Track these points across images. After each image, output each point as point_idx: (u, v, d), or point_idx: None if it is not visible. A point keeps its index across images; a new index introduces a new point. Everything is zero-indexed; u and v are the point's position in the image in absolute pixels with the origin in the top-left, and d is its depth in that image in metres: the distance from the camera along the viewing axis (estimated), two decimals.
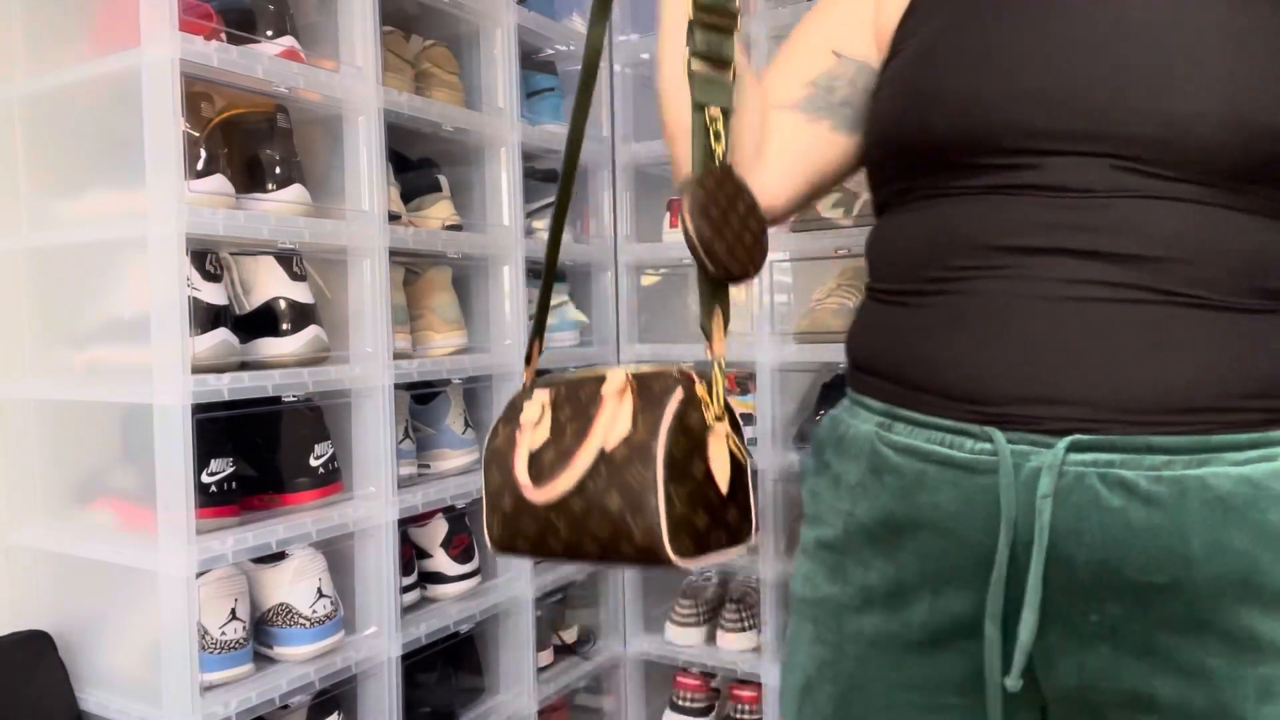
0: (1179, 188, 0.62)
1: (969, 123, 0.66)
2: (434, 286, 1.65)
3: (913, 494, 0.68)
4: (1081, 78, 0.64)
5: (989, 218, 0.66)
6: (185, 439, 1.19)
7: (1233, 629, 0.60)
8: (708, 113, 0.71)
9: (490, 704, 1.71)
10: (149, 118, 1.20)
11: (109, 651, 1.35)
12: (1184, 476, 0.60)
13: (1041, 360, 0.63)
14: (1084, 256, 0.63)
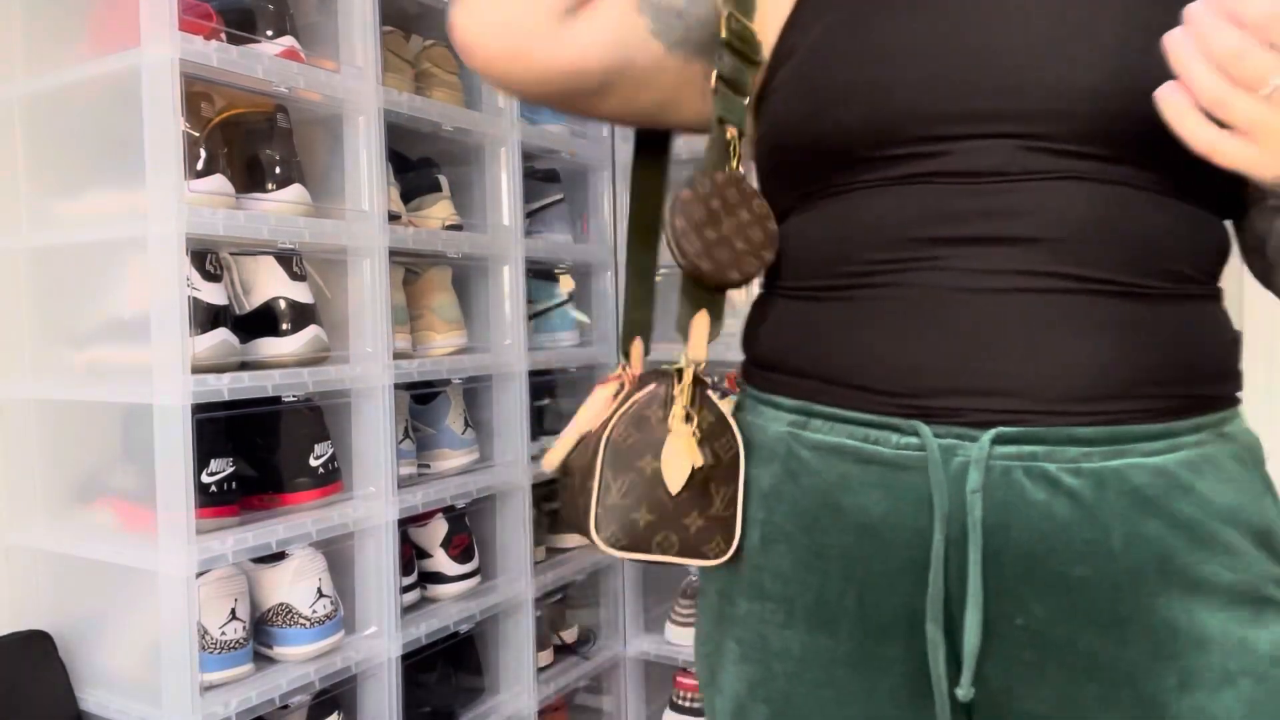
0: (1085, 165, 0.62)
1: (875, 114, 0.65)
2: (434, 286, 1.65)
3: (834, 495, 0.66)
4: (981, 58, 0.63)
5: (902, 209, 0.65)
6: (185, 439, 1.19)
7: (1152, 621, 0.60)
8: (728, 130, 0.71)
9: (490, 704, 1.71)
10: (149, 118, 1.20)
11: (109, 651, 1.35)
12: (1102, 469, 0.60)
13: (963, 352, 0.62)
14: (998, 243, 0.62)
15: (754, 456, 0.71)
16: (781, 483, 0.69)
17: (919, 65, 0.64)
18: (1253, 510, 0.63)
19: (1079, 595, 0.60)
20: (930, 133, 0.64)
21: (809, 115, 0.68)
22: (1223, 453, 0.63)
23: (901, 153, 0.64)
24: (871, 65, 0.66)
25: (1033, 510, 0.60)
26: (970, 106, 0.63)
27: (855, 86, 0.66)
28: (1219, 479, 0.62)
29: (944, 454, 0.61)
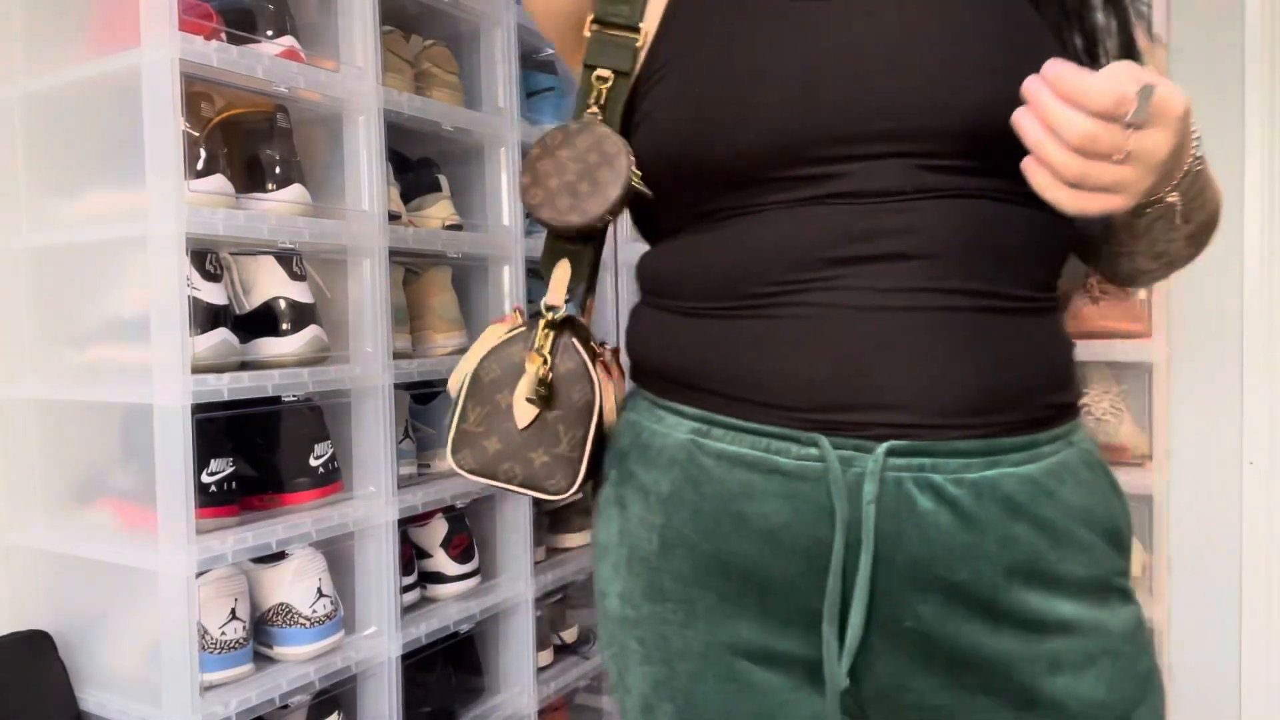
0: (966, 181, 0.66)
1: (770, 138, 0.67)
2: (434, 286, 1.65)
3: (737, 503, 0.68)
4: (868, 82, 0.66)
5: (801, 232, 0.67)
6: (185, 439, 1.19)
7: (1024, 613, 0.66)
8: (596, 73, 0.74)
9: (490, 704, 1.71)
10: (149, 118, 1.20)
11: (109, 651, 1.35)
12: (979, 479, 0.65)
13: (859, 368, 0.65)
14: (893, 260, 0.66)
15: (653, 462, 0.73)
16: (682, 489, 0.71)
17: (808, 89, 0.67)
18: (1102, 511, 0.70)
19: (960, 595, 0.66)
20: (829, 154, 0.66)
21: (697, 138, 0.69)
22: (1075, 460, 0.69)
23: (796, 175, 0.67)
24: (760, 89, 0.68)
25: (921, 518, 0.65)
26: (862, 129, 0.66)
27: (746, 111, 0.68)
28: (1075, 484, 0.68)
29: (842, 465, 0.65)
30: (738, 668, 0.71)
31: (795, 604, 0.68)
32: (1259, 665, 1.80)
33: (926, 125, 0.65)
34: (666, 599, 0.73)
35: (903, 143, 0.66)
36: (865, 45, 0.67)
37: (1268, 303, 1.78)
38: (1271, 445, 1.78)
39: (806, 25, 0.68)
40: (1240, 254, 1.80)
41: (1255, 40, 1.77)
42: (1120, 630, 0.69)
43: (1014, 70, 0.63)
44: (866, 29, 0.67)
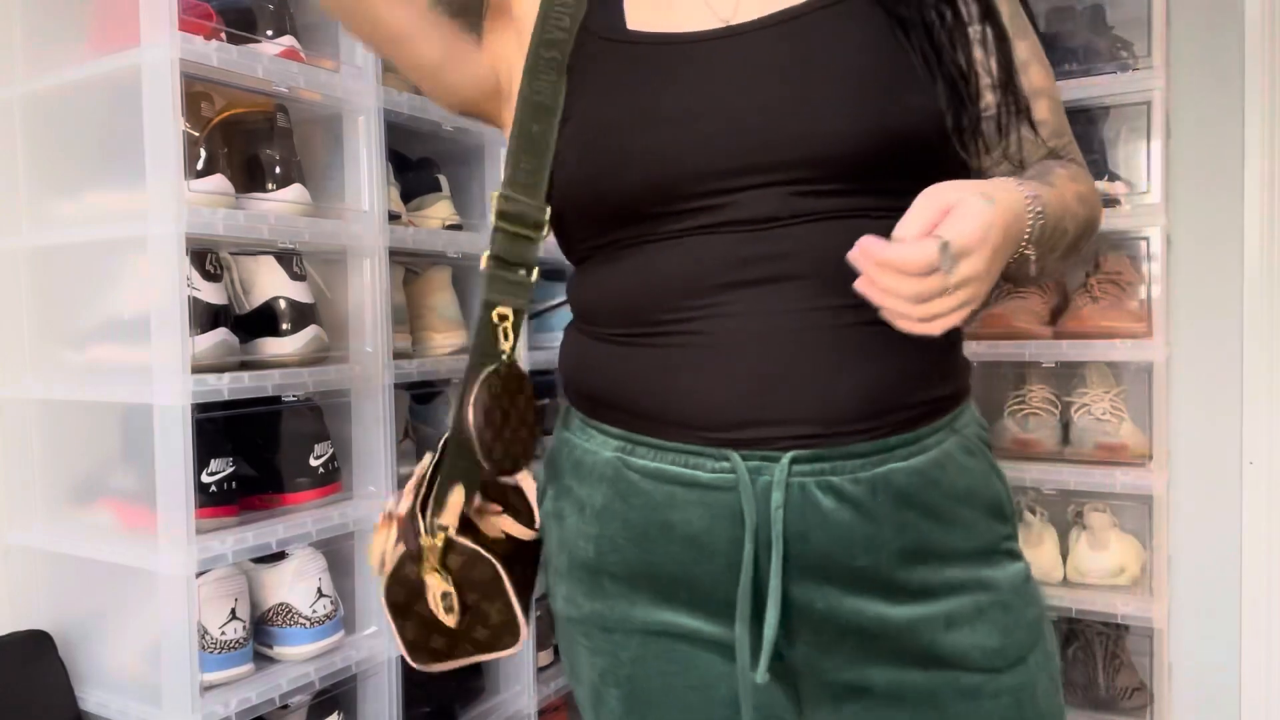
0: (840, 203, 0.73)
1: (661, 174, 0.74)
2: (434, 286, 1.65)
3: (663, 512, 0.76)
4: (744, 118, 0.73)
5: (694, 260, 0.74)
6: (185, 439, 1.19)
7: (917, 585, 0.75)
8: (496, 311, 0.81)
9: (490, 704, 1.71)
10: (149, 118, 1.20)
11: (109, 651, 1.35)
12: (873, 476, 0.73)
13: (759, 388, 0.73)
14: (778, 282, 0.73)
15: (586, 477, 0.81)
16: (612, 501, 0.79)
17: (695, 129, 0.73)
18: (983, 490, 0.78)
19: (862, 578, 0.75)
20: (712, 187, 0.73)
21: (594, 178, 0.77)
22: (956, 448, 0.77)
23: (686, 208, 0.74)
24: (648, 131, 0.75)
25: (824, 516, 0.73)
26: (738, 163, 0.73)
27: (635, 151, 0.75)
28: (957, 470, 0.77)
29: (752, 475, 0.73)
30: (676, 649, 0.79)
31: (720, 598, 0.76)
32: (1259, 665, 1.80)
33: (793, 156, 0.72)
34: (606, 597, 0.81)
35: (775, 173, 0.72)
36: (737, 88, 0.74)
37: (1268, 303, 1.78)
38: (1271, 445, 1.79)
39: (685, 73, 0.76)
40: (1240, 254, 1.80)
41: (1255, 40, 1.77)
42: (1008, 584, 0.77)
43: (872, 102, 0.72)
44: (738, 74, 0.75)
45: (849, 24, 0.76)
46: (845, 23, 0.76)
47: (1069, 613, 1.74)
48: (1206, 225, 1.83)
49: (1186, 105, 1.84)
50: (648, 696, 0.81)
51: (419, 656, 0.85)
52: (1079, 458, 1.79)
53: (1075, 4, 1.84)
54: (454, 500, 0.81)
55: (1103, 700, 1.75)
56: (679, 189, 0.74)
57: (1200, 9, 1.82)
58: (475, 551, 0.82)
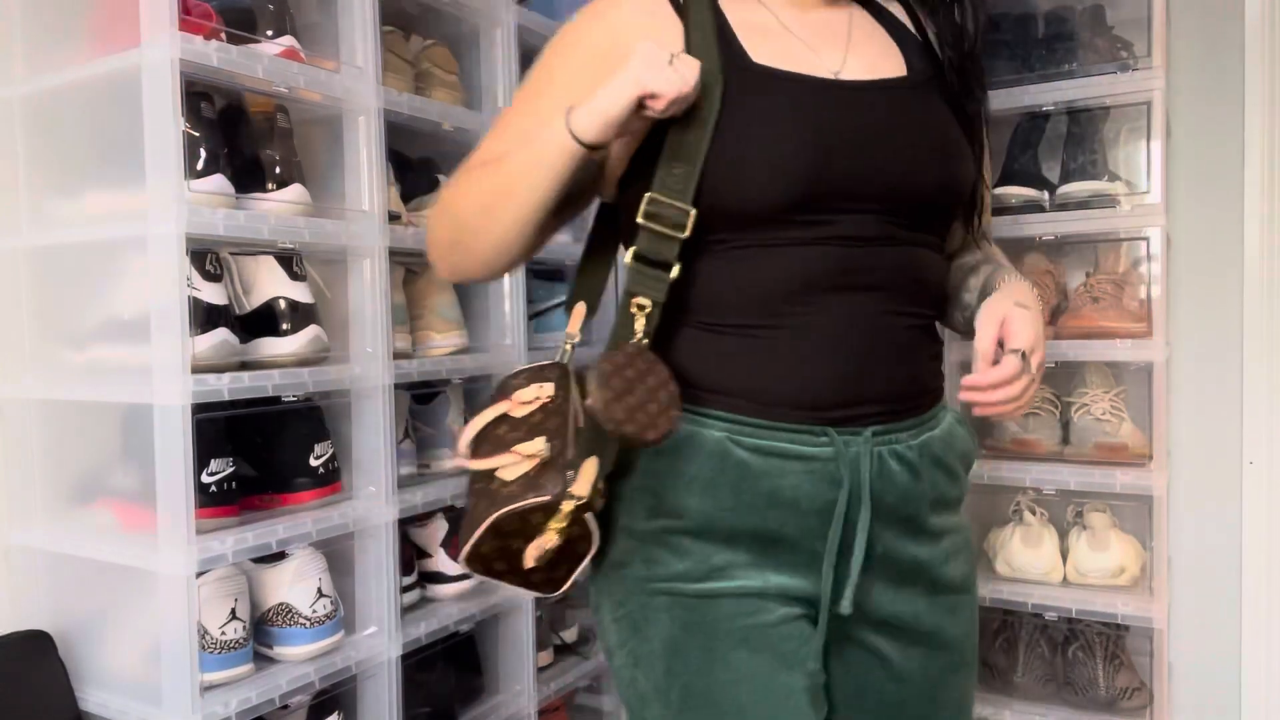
0: (910, 234, 0.94)
1: (799, 191, 0.90)
2: (434, 286, 1.65)
3: (768, 480, 0.91)
4: (860, 157, 0.91)
5: (808, 265, 0.91)
6: (185, 439, 1.19)
7: (933, 528, 0.97)
8: (635, 301, 0.91)
9: (490, 704, 1.71)
10: (149, 118, 1.20)
11: (109, 651, 1.35)
12: (920, 443, 0.95)
13: (847, 375, 0.92)
14: (865, 290, 0.92)
15: (690, 455, 0.92)
16: (720, 474, 0.92)
17: (821, 157, 0.90)
18: (969, 450, 1.02)
19: (908, 524, 0.95)
20: (827, 206, 0.91)
21: (744, 186, 0.90)
22: (953, 419, 1.01)
23: (805, 219, 0.90)
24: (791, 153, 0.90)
25: (893, 476, 0.93)
26: (853, 191, 0.91)
27: (781, 168, 0.90)
28: (958, 435, 1.00)
29: (845, 447, 0.91)
30: (759, 603, 0.92)
31: (807, 549, 0.92)
32: (1259, 665, 1.80)
33: (888, 194, 0.92)
34: (700, 559, 0.93)
35: (873, 203, 0.92)
36: (858, 130, 0.92)
37: (1268, 303, 1.78)
38: (1271, 445, 1.79)
39: (822, 111, 0.92)
40: (1240, 254, 1.80)
41: (1255, 40, 1.77)
42: (966, 526, 1.03)
43: (941, 165, 0.95)
44: (862, 122, 0.93)
45: (928, 100, 0.97)
46: (925, 99, 0.97)
47: (1069, 613, 1.74)
48: (1206, 225, 1.83)
49: (1186, 105, 1.84)
50: (727, 644, 0.91)
51: (475, 565, 0.92)
52: (1079, 458, 1.78)
53: (1075, 4, 1.84)
54: (588, 473, 0.88)
55: (1103, 700, 1.74)
56: (807, 204, 0.90)
57: (1200, 9, 1.82)
58: (589, 529, 0.93)
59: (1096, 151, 1.81)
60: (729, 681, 0.92)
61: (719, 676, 0.92)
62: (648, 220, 0.90)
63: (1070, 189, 1.78)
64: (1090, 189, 1.77)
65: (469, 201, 0.97)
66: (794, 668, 0.92)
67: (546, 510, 0.88)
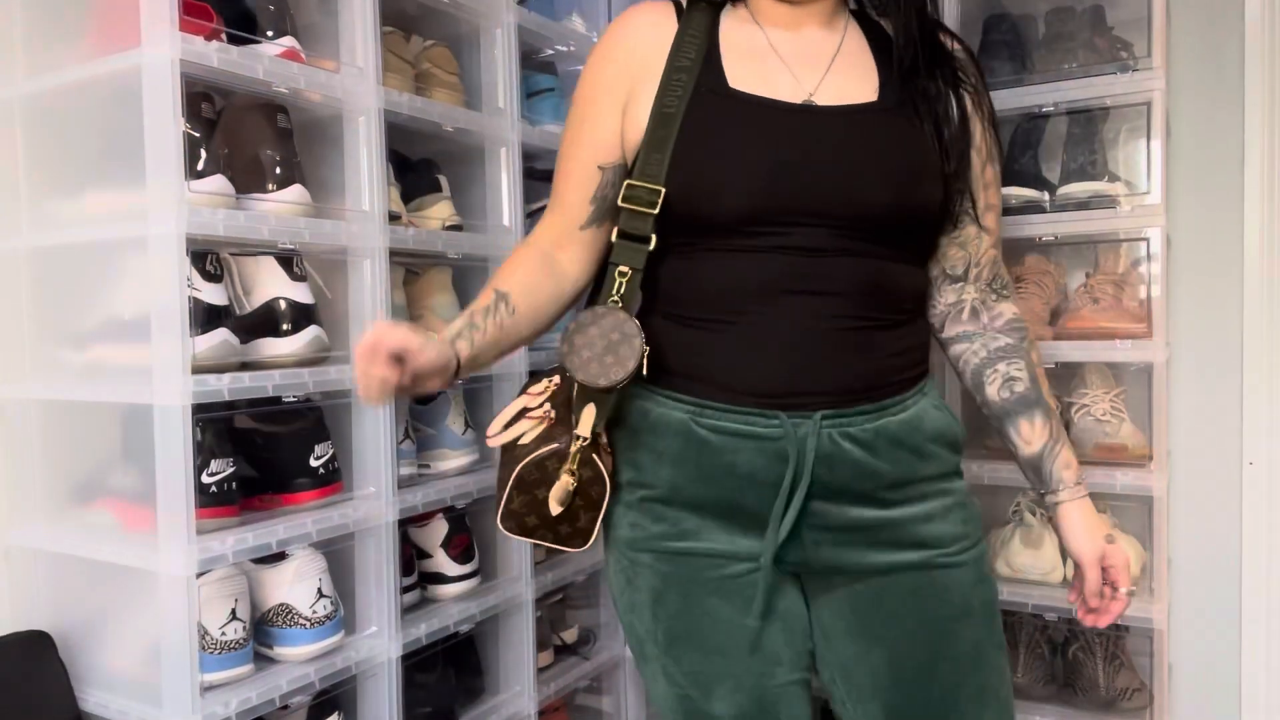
0: (867, 246, 1.04)
1: (748, 205, 1.02)
2: (434, 286, 1.65)
3: (726, 457, 1.04)
4: (812, 177, 1.03)
5: (762, 271, 1.03)
6: (185, 439, 1.19)
7: (902, 497, 1.07)
8: (619, 269, 1.07)
9: (490, 704, 1.72)
10: (149, 118, 1.20)
11: (109, 651, 1.35)
12: (875, 426, 1.05)
13: (801, 367, 1.03)
14: (818, 295, 1.03)
15: (661, 433, 1.07)
16: (685, 450, 1.06)
17: (773, 175, 1.03)
18: (946, 431, 1.11)
19: (865, 496, 1.06)
20: (778, 220, 1.02)
21: (696, 199, 1.04)
22: (927, 404, 1.10)
23: (759, 230, 1.03)
24: (742, 171, 1.03)
25: (844, 454, 1.04)
26: (804, 207, 1.02)
27: (730, 184, 1.03)
28: (929, 419, 1.09)
29: (794, 429, 1.03)
30: (729, 562, 1.08)
31: (761, 519, 1.05)
32: (1259, 665, 1.80)
33: (840, 211, 1.03)
34: (672, 523, 1.08)
35: (824, 219, 1.03)
36: (808, 152, 1.04)
37: (1268, 303, 1.78)
38: (1271, 445, 1.79)
39: (773, 131, 1.04)
40: (1240, 254, 1.80)
41: (1255, 40, 1.77)
42: (962, 491, 1.13)
43: (898, 186, 1.05)
44: (811, 143, 1.04)
45: (894, 124, 1.07)
46: (891, 122, 1.07)
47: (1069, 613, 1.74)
48: (1206, 225, 1.83)
49: (1186, 105, 1.84)
50: (700, 596, 1.08)
51: (509, 523, 1.08)
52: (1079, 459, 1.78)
53: (1075, 4, 1.84)
54: (586, 417, 1.05)
55: (1103, 700, 1.74)
56: (757, 218, 1.02)
57: (1200, 9, 1.82)
58: (600, 471, 1.07)
59: (1096, 152, 1.81)
60: (705, 623, 1.08)
61: (696, 619, 1.09)
62: (626, 202, 1.06)
63: (1070, 189, 1.78)
64: (1090, 189, 1.76)
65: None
66: (753, 613, 1.07)
67: (560, 456, 1.05)
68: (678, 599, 1.09)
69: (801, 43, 1.10)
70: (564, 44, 1.93)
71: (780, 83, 1.07)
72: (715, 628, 1.08)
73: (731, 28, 1.11)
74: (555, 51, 1.95)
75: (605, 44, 1.14)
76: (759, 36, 1.10)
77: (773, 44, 1.10)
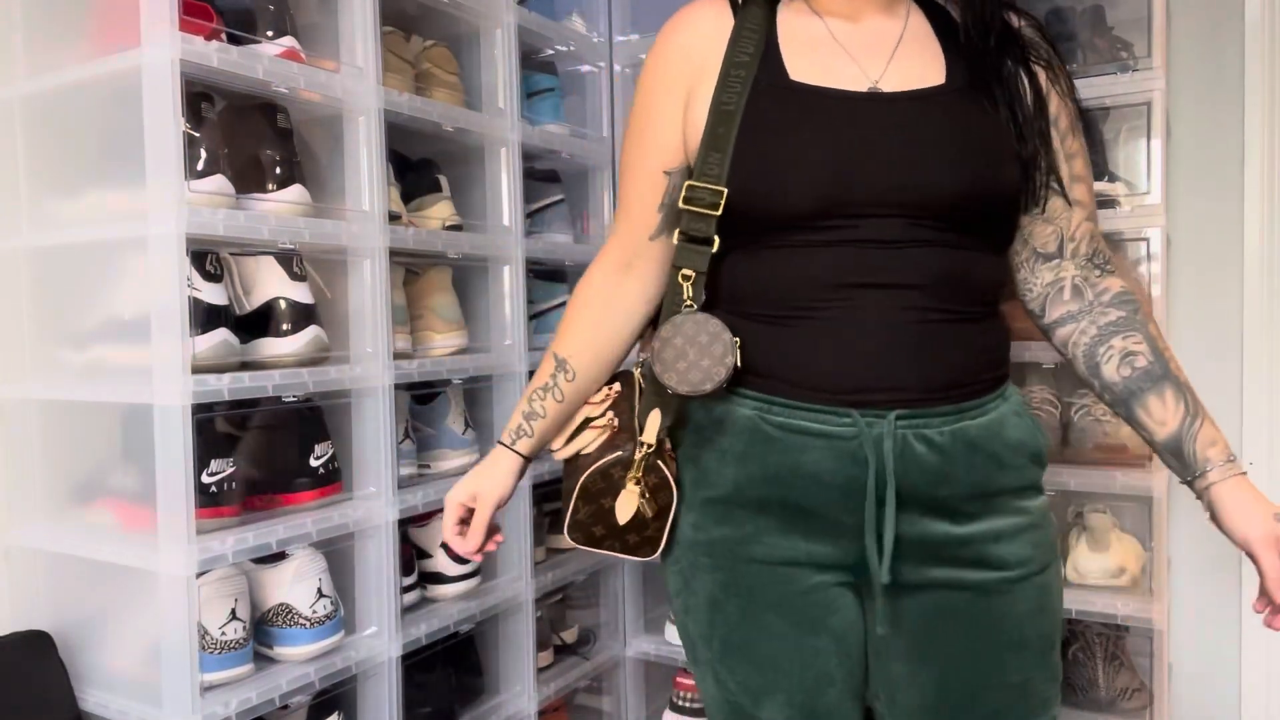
0: (943, 236, 0.99)
1: (814, 200, 0.97)
2: (434, 286, 1.65)
3: (794, 456, 0.99)
4: (881, 166, 0.98)
5: (833, 265, 0.98)
6: (185, 439, 1.19)
7: (977, 509, 1.01)
8: (681, 272, 1.03)
9: (490, 704, 1.72)
10: (149, 118, 1.20)
11: (109, 651, 1.35)
12: (953, 430, 0.99)
13: (875, 363, 0.98)
14: (892, 288, 0.98)
15: (727, 430, 1.03)
16: (750, 448, 1.01)
17: (841, 167, 0.98)
18: (1029, 442, 1.04)
19: (939, 505, 1.00)
20: (848, 213, 0.98)
21: (761, 196, 0.99)
22: (1009, 410, 1.04)
23: (828, 224, 0.98)
24: (808, 165, 0.98)
25: (918, 458, 0.98)
26: (874, 197, 0.97)
27: (795, 180, 0.98)
28: (1011, 426, 1.03)
29: (868, 429, 0.97)
30: (790, 571, 1.02)
31: (831, 523, 1.00)
32: (1259, 665, 1.80)
33: (910, 199, 0.98)
34: (737, 525, 1.03)
35: (896, 209, 0.98)
36: (877, 142, 0.98)
37: (1268, 302, 1.78)
38: (1271, 445, 1.78)
39: (838, 122, 1.00)
40: (1240, 254, 1.80)
41: (1255, 40, 1.77)
42: (1038, 512, 1.05)
43: (969, 170, 0.99)
44: (878, 131, 0.99)
45: (964, 107, 1.01)
46: (961, 105, 1.01)
47: (1069, 613, 1.74)
48: (1206, 225, 1.83)
49: (1186, 105, 1.84)
50: (763, 607, 1.03)
51: (576, 534, 1.07)
52: (1079, 458, 1.78)
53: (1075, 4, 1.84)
54: (652, 423, 1.03)
55: (1103, 700, 1.74)
56: (825, 211, 0.97)
57: (1200, 9, 1.82)
58: (666, 477, 1.04)
59: (1096, 152, 1.81)
60: (761, 639, 1.04)
61: (752, 634, 1.04)
62: (688, 204, 1.01)
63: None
64: None
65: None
66: (820, 632, 1.03)
67: (624, 464, 1.04)
68: (736, 610, 1.04)
69: (863, 31, 1.05)
70: (564, 44, 1.93)
71: (843, 72, 1.02)
72: (771, 643, 1.04)
73: (789, 20, 1.06)
74: (555, 51, 1.95)
75: (660, 46, 1.09)
76: (819, 27, 1.06)
77: (833, 34, 1.05)
